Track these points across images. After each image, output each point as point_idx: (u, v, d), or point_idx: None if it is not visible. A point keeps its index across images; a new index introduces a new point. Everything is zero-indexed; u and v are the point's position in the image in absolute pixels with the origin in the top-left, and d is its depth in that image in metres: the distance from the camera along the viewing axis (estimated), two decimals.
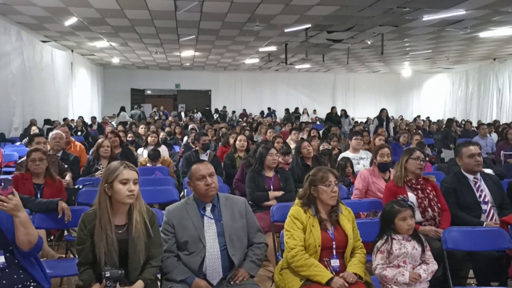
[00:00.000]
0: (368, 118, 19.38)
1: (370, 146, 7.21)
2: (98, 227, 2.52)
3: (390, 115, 22.56)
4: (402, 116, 22.31)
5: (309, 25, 11.88)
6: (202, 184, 2.86)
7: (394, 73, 25.28)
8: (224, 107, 23.63)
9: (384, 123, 12.80)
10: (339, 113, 17.30)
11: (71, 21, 11.22)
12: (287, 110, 21.51)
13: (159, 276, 2.85)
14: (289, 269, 2.81)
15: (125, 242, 2.56)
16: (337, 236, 2.82)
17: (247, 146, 6.57)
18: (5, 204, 2.43)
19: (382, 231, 2.92)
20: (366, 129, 11.93)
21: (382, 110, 13.44)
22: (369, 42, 14.30)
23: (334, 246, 2.79)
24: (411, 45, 15.43)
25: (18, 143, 9.88)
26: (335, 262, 2.79)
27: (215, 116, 21.74)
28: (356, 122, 17.32)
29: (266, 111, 23.14)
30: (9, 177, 2.52)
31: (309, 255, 2.74)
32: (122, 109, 18.25)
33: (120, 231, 2.58)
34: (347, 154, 6.17)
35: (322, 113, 21.49)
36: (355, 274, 2.72)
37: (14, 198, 2.46)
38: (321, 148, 6.03)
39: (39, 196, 4.18)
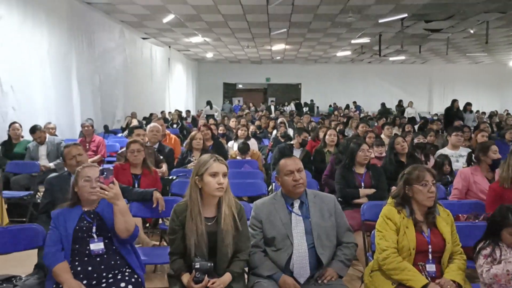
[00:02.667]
0: None
1: (472, 143, 6.70)
2: (189, 218, 2.57)
3: (494, 109, 20.99)
4: (508, 111, 20.55)
5: (406, 15, 11.33)
6: (290, 179, 2.81)
7: (499, 64, 23.34)
8: (311, 100, 23.39)
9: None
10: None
11: (169, 18, 11.74)
12: (383, 104, 20.37)
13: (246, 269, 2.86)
14: (380, 272, 2.67)
15: (214, 234, 2.59)
16: (434, 239, 2.63)
17: (337, 141, 6.43)
18: (106, 192, 2.57)
19: (486, 236, 2.67)
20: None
21: (454, 101, 12.27)
22: (471, 31, 13.33)
23: (430, 250, 2.61)
24: None
25: (119, 135, 10.57)
26: (431, 267, 2.61)
27: (305, 109, 21.59)
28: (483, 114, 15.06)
29: (351, 106, 22.40)
30: (111, 167, 2.65)
31: (402, 258, 2.59)
32: (208, 103, 18.81)
33: (209, 223, 2.62)
34: (445, 151, 5.79)
35: (418, 107, 20.38)
36: (453, 281, 2.52)
37: (114, 187, 2.60)
38: (415, 141, 5.71)
39: (136, 185, 4.41)
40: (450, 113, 12.53)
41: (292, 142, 6.40)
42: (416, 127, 10.41)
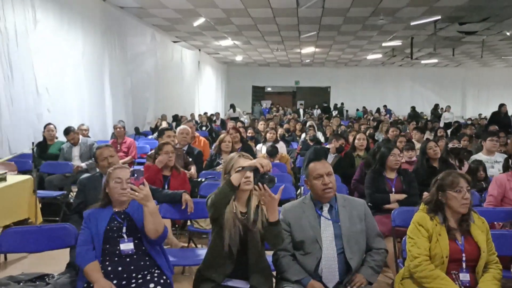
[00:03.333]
0: None
1: (508, 148, 6.49)
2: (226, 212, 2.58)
3: None
4: None
5: (439, 17, 11.10)
6: (319, 183, 2.79)
7: None
8: (342, 103, 23.20)
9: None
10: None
11: (199, 21, 11.85)
12: (413, 108, 19.99)
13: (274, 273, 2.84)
14: (412, 279, 2.61)
15: (246, 228, 2.59)
16: (468, 247, 2.55)
17: (367, 145, 6.34)
18: (136, 193, 2.60)
19: None
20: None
21: (502, 105, 11.52)
22: (508, 33, 12.95)
23: (464, 259, 2.53)
24: None
25: (150, 137, 10.72)
26: (464, 276, 2.53)
27: (334, 112, 21.41)
28: None
29: (382, 109, 22.08)
30: (141, 168, 2.69)
31: (434, 266, 2.52)
32: (231, 106, 18.90)
33: (242, 217, 2.62)
34: (480, 156, 5.63)
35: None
36: None
37: (144, 189, 2.62)
38: (450, 145, 5.57)
39: (166, 186, 4.46)
40: (497, 118, 11.52)
41: (328, 146, 6.34)
42: (448, 131, 10.17)
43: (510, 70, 23.23)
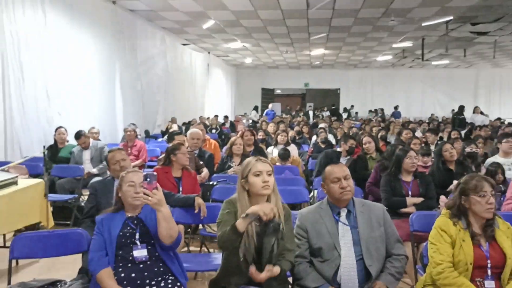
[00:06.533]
0: None
1: None
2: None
3: None
4: None
5: (451, 18, 10.97)
6: (337, 187, 2.71)
7: None
8: (352, 106, 23.07)
9: None
10: None
11: (209, 24, 11.83)
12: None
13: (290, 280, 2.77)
14: (434, 287, 2.52)
15: (261, 235, 2.51)
16: (493, 253, 2.45)
17: (378, 146, 6.25)
18: (150, 198, 2.53)
19: None
20: None
21: (461, 106, 11.87)
22: None
23: (489, 265, 2.44)
24: None
25: (160, 139, 10.69)
26: (489, 284, 2.43)
27: (344, 115, 21.28)
28: None
29: (387, 111, 21.85)
30: (154, 172, 2.63)
31: (458, 273, 2.43)
32: (255, 108, 18.76)
33: (258, 224, 2.54)
34: (496, 158, 5.51)
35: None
36: None
37: (158, 193, 2.55)
38: (467, 149, 5.45)
39: (180, 188, 4.40)
40: None
41: (339, 149, 6.25)
42: (462, 133, 10.02)
43: None
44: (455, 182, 4.60)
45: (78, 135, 6.60)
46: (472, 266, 2.43)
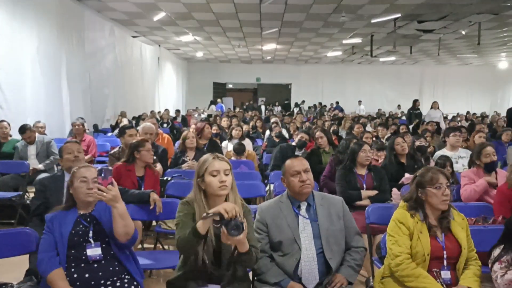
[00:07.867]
0: (458, 114, 18.11)
1: (469, 144, 6.65)
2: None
3: (483, 110, 21.08)
4: (496, 112, 20.68)
5: (399, 15, 11.29)
6: (297, 180, 2.70)
7: (488, 66, 23.54)
8: (303, 101, 23.35)
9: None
10: None
11: (160, 16, 11.57)
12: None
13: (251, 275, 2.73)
14: (393, 278, 2.55)
15: (219, 239, 2.44)
16: (449, 244, 2.52)
17: (331, 140, 6.33)
18: (104, 194, 2.41)
19: (502, 240, 2.58)
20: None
21: (415, 101, 12.48)
22: (463, 32, 13.36)
23: (445, 256, 2.50)
24: (510, 34, 14.22)
25: (109, 134, 10.37)
26: (446, 274, 2.50)
27: (296, 110, 21.49)
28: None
29: (334, 105, 22.33)
30: (109, 167, 2.50)
31: (416, 264, 2.48)
32: (212, 102, 18.55)
33: (217, 225, 2.46)
34: (444, 152, 5.71)
35: (408, 108, 20.33)
36: None
37: (113, 189, 2.44)
38: (417, 143, 5.62)
39: (143, 188, 4.16)
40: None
41: (293, 144, 6.28)
42: (410, 127, 10.35)
43: (463, 68, 24.05)
44: (406, 174, 4.75)
45: (23, 129, 6.26)
46: (429, 257, 2.48)
